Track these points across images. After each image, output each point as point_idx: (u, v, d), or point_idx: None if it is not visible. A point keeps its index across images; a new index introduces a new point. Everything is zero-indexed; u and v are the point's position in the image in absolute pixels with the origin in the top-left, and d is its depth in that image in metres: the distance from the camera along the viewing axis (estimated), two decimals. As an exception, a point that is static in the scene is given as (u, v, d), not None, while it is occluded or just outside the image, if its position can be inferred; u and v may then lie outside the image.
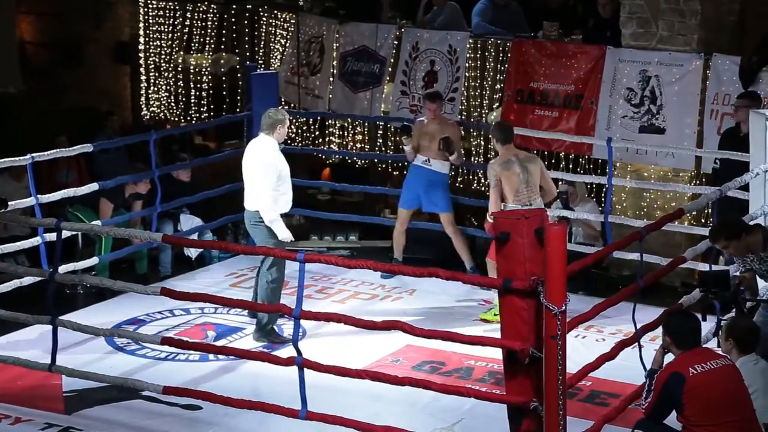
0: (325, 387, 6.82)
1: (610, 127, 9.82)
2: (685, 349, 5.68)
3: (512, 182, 8.33)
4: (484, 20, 10.78)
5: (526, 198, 8.35)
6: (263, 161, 8.04)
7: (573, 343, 6.01)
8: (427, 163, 9.47)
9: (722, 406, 5.53)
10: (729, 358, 5.86)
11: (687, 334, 5.73)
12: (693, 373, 5.53)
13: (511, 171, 8.35)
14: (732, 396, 5.59)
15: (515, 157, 8.43)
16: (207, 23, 13.32)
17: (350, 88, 11.39)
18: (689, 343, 5.70)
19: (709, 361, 5.62)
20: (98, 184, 9.08)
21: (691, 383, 5.51)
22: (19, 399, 7.08)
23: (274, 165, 8.02)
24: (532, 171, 8.41)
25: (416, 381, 6.08)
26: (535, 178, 8.41)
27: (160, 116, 13.87)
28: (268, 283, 8.07)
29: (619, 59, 9.82)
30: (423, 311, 8.81)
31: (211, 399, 6.54)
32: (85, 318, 8.00)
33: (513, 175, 8.34)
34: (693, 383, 5.52)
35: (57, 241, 7.06)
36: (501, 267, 5.66)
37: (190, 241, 8.95)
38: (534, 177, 8.41)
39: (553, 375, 5.39)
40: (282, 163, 8.12)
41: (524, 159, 8.49)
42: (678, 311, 5.99)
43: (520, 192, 8.34)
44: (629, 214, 9.92)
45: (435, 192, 9.48)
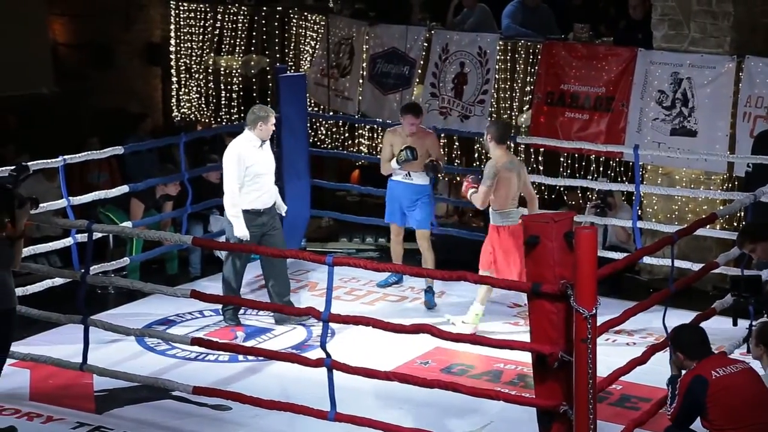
0: (354, 389, 6.83)
1: (641, 130, 9.77)
2: (700, 359, 5.65)
3: (511, 186, 8.12)
4: (515, 22, 10.75)
5: (513, 205, 8.17)
6: (225, 155, 8.32)
7: (603, 346, 5.97)
8: (408, 178, 9.01)
9: (745, 410, 5.51)
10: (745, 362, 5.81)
11: (698, 345, 5.70)
12: (715, 376, 5.52)
13: (511, 174, 8.13)
14: (755, 399, 5.57)
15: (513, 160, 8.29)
16: (237, 25, 13.38)
17: (380, 89, 11.40)
18: (702, 353, 5.68)
19: (728, 366, 5.61)
20: (129, 186, 9.15)
21: (715, 386, 5.49)
22: (50, 398, 7.14)
23: (235, 159, 8.17)
24: (523, 178, 8.23)
25: (445, 384, 6.08)
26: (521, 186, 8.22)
27: (190, 117, 13.94)
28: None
29: (651, 61, 9.77)
30: (452, 314, 8.78)
31: (241, 399, 6.56)
32: (115, 318, 8.06)
33: (512, 178, 8.12)
34: (716, 386, 5.49)
35: (88, 243, 7.12)
36: (530, 270, 5.64)
37: (219, 244, 8.98)
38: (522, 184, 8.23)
39: (584, 379, 5.37)
40: (255, 159, 8.24)
41: (519, 164, 8.33)
42: (683, 326, 5.97)
43: (513, 198, 8.15)
44: (660, 218, 9.86)
45: (416, 207, 9.04)
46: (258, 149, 8.30)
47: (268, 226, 8.41)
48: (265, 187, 8.37)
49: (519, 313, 8.74)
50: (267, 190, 8.40)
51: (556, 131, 10.11)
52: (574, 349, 5.40)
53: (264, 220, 8.37)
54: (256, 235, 8.31)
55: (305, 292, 9.34)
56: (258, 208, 8.32)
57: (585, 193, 10.26)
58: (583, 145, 9.77)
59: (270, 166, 8.45)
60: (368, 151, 11.75)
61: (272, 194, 8.48)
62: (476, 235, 10.04)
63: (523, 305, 8.49)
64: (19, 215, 6.44)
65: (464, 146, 11.17)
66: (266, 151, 8.42)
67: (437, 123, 10.61)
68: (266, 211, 8.39)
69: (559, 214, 5.77)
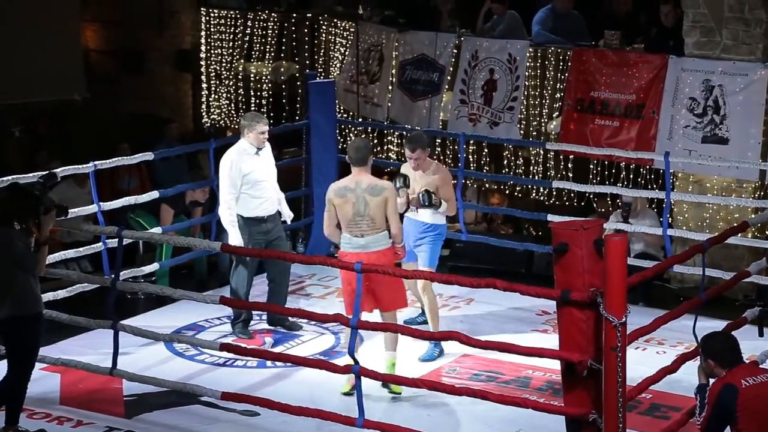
0: (382, 396, 6.83)
1: (671, 137, 9.71)
2: (731, 367, 5.60)
3: (343, 213, 7.28)
4: (545, 29, 10.72)
5: (358, 230, 7.25)
6: (220, 164, 8.32)
7: (633, 355, 5.93)
8: (415, 213, 8.15)
9: (775, 419, 5.44)
10: None
11: (729, 353, 5.65)
12: (745, 384, 5.46)
13: (343, 200, 7.28)
14: None
15: (348, 186, 7.31)
16: (267, 32, 13.44)
17: (409, 96, 11.40)
18: (733, 361, 5.63)
19: (758, 375, 5.56)
20: (158, 192, 9.20)
21: (745, 395, 5.44)
22: (80, 402, 7.18)
23: (228, 167, 8.17)
24: (372, 202, 7.22)
25: (473, 391, 6.06)
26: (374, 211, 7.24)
27: (220, 124, 14.01)
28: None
29: (682, 68, 9.71)
30: (480, 321, 8.78)
31: (269, 405, 6.57)
32: (145, 323, 8.09)
33: (347, 203, 7.27)
34: (746, 395, 5.44)
35: (118, 249, 7.16)
36: (559, 278, 5.61)
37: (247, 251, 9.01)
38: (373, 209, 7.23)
39: (613, 387, 5.34)
40: (252, 166, 8.22)
41: (368, 188, 7.27)
42: (714, 333, 5.92)
43: (349, 225, 7.25)
44: (691, 226, 9.79)
45: (420, 246, 8.12)
46: (254, 156, 8.27)
47: (273, 233, 8.39)
48: (266, 194, 8.33)
49: (548, 321, 8.71)
50: (268, 198, 8.35)
51: (586, 138, 10.07)
52: (603, 357, 5.37)
53: (268, 227, 8.34)
54: (261, 243, 8.29)
55: (333, 298, 9.34)
56: (260, 215, 8.30)
57: (615, 201, 10.21)
58: (613, 152, 9.72)
59: (269, 173, 8.40)
60: (397, 157, 11.75)
61: (274, 201, 8.43)
62: (505, 242, 10.03)
63: (552, 313, 8.45)
64: (45, 221, 6.48)
65: (493, 153, 11.15)
66: (264, 158, 8.36)
67: (466, 129, 10.59)
68: (270, 219, 8.36)
69: (588, 222, 5.74)
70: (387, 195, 7.26)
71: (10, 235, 6.37)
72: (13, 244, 6.36)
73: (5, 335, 6.48)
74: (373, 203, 7.22)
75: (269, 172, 8.41)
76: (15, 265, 6.37)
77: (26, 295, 6.41)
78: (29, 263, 6.41)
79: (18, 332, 6.42)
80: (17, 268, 6.37)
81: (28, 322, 6.43)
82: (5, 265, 6.37)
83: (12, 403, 6.49)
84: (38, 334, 6.55)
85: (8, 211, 6.42)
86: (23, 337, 6.44)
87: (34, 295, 6.47)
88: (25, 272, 6.40)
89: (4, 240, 6.36)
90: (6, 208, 6.44)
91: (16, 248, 6.36)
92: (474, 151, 11.14)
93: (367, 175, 7.33)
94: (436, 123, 11.14)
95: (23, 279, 6.39)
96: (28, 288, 6.42)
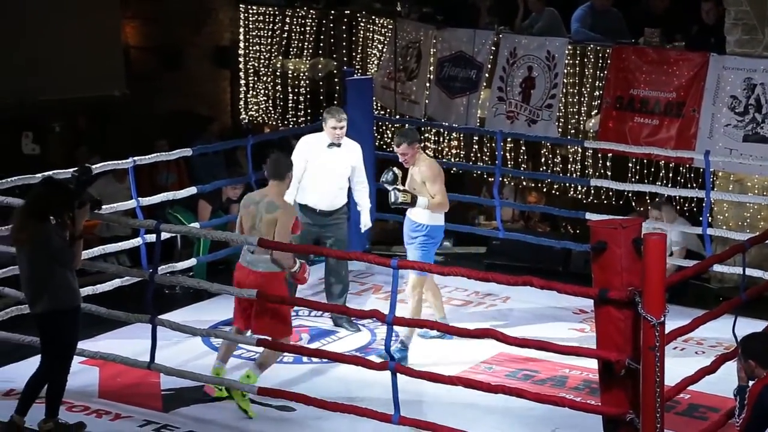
0: (418, 393, 6.83)
1: (712, 136, 9.62)
2: None
3: (245, 222, 7.13)
4: (584, 26, 10.66)
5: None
6: None
7: (671, 355, 5.89)
8: (409, 211, 7.98)
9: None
10: None
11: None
12: None
13: (248, 210, 7.10)
14: None
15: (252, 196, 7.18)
16: (306, 28, 13.46)
17: (447, 93, 11.38)
18: None
19: None
20: (196, 188, 9.25)
21: None
22: (119, 395, 7.24)
23: (293, 157, 8.13)
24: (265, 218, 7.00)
25: (510, 389, 6.04)
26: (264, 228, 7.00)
27: (258, 120, 14.06)
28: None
29: (723, 66, 9.61)
30: (517, 318, 8.75)
31: (305, 401, 6.58)
32: (182, 318, 8.14)
33: (248, 214, 7.09)
34: None
35: (156, 243, 7.20)
36: (597, 277, 5.58)
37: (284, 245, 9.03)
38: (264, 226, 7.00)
39: (651, 387, 5.30)
40: (310, 158, 8.34)
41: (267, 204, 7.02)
42: (755, 334, 5.85)
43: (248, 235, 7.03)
44: (731, 225, 9.69)
45: (411, 246, 7.94)
46: (325, 149, 8.38)
47: (325, 229, 8.44)
48: (321, 188, 8.39)
49: (585, 320, 8.66)
50: (324, 191, 8.40)
51: (625, 136, 9.99)
52: (641, 357, 5.34)
53: (319, 220, 8.37)
54: (314, 233, 8.35)
55: (369, 294, 9.35)
56: (315, 207, 8.40)
57: (654, 200, 10.13)
58: (653, 150, 9.65)
59: (332, 169, 8.43)
60: (434, 154, 11.72)
61: (331, 198, 8.46)
62: (542, 239, 9.99)
63: (589, 311, 8.41)
64: (79, 215, 6.51)
65: (531, 151, 11.10)
66: (335, 153, 8.43)
67: (504, 127, 10.56)
68: (322, 213, 8.40)
69: (627, 220, 5.71)
70: (278, 215, 6.96)
71: (48, 230, 6.42)
72: (51, 239, 6.41)
73: (42, 329, 6.54)
74: (265, 220, 6.98)
75: (332, 169, 8.43)
76: (52, 260, 6.42)
77: (64, 289, 6.47)
78: (66, 258, 6.46)
79: (55, 326, 6.48)
80: (54, 263, 6.43)
81: (66, 315, 6.49)
82: (43, 260, 6.42)
83: (52, 396, 6.56)
84: (75, 328, 6.61)
85: (44, 206, 6.47)
86: (60, 331, 6.50)
87: (71, 289, 6.52)
88: (62, 267, 6.45)
89: (42, 235, 6.41)
90: (41, 203, 6.48)
91: (53, 243, 6.41)
92: (512, 148, 11.10)
93: (276, 191, 7.10)
94: (473, 120, 11.11)
95: (60, 273, 6.44)
96: (66, 282, 6.48)
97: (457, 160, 11.56)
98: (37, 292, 6.46)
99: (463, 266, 6.58)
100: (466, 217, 11.87)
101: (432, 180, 7.86)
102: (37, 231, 6.42)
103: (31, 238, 6.44)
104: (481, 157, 11.25)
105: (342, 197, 8.59)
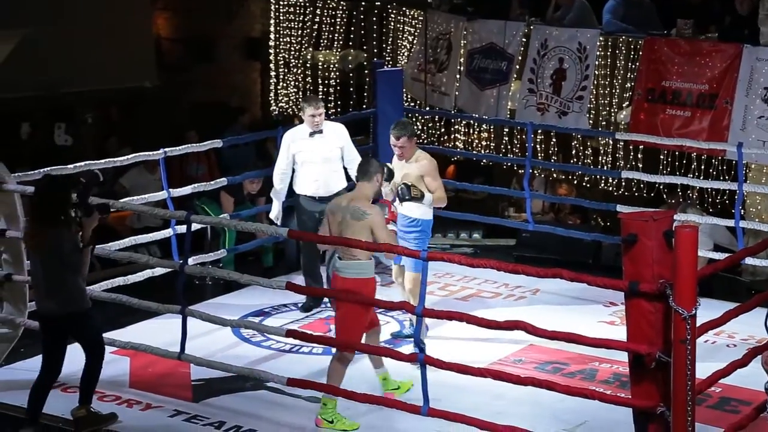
0: (447, 384, 6.81)
1: (745, 128, 9.54)
2: None
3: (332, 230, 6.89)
4: (616, 17, 10.59)
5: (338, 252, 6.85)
6: None
7: (702, 348, 5.85)
8: (400, 206, 7.79)
9: None
10: None
11: None
12: None
13: (330, 218, 6.90)
14: None
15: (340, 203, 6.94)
16: (336, 20, 13.46)
17: (477, 85, 11.35)
18: None
19: None
20: (226, 179, 9.27)
21: None
22: (149, 385, 7.29)
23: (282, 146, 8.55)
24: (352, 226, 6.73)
25: (539, 381, 6.02)
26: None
27: (288, 112, 14.09)
28: None
29: (757, 58, 9.52)
30: (546, 311, 8.72)
31: (335, 392, 6.60)
32: (212, 308, 8.18)
33: (334, 221, 6.86)
34: None
35: (187, 233, 7.23)
36: (627, 269, 5.55)
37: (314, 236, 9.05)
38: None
39: (682, 380, 5.27)
40: (294, 149, 8.49)
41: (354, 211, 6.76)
42: None
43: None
44: (764, 218, 9.61)
45: (407, 241, 7.72)
46: (307, 138, 8.49)
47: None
48: (314, 176, 8.47)
49: (615, 312, 8.62)
50: (318, 178, 8.47)
51: (657, 128, 9.93)
52: (672, 350, 5.31)
53: (320, 206, 8.24)
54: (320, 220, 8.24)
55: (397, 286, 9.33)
56: (309, 194, 8.52)
57: (685, 192, 10.07)
58: (685, 142, 9.58)
59: (320, 155, 8.48)
60: (464, 146, 11.71)
61: (327, 183, 8.48)
62: (571, 232, 9.95)
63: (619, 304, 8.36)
64: (86, 223, 6.39)
65: (562, 143, 11.06)
66: (318, 140, 8.49)
67: (534, 119, 10.52)
68: (322, 199, 8.39)
69: (658, 213, 5.67)
70: (370, 221, 6.69)
71: (60, 237, 6.33)
72: (62, 245, 6.33)
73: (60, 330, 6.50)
74: (356, 227, 6.70)
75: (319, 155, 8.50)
76: (63, 265, 6.35)
77: (73, 293, 6.41)
78: (75, 263, 6.36)
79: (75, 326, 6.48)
80: (65, 268, 6.36)
81: (81, 317, 6.47)
82: (55, 265, 6.36)
83: (86, 384, 6.59)
84: (96, 325, 6.61)
85: (50, 210, 6.35)
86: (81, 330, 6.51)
87: (80, 292, 6.45)
88: (73, 274, 6.38)
89: (55, 240, 6.34)
90: (47, 209, 6.37)
91: (65, 250, 6.33)
92: (542, 140, 11.06)
93: (362, 193, 6.89)
94: (504, 112, 11.08)
95: (72, 279, 6.39)
96: (76, 287, 6.42)
97: (488, 151, 11.55)
98: (48, 295, 6.42)
99: (492, 258, 6.56)
100: (496, 209, 11.84)
101: (433, 175, 7.76)
102: (49, 237, 6.35)
103: (43, 244, 6.38)
104: (512, 149, 11.22)
105: (339, 180, 8.60)
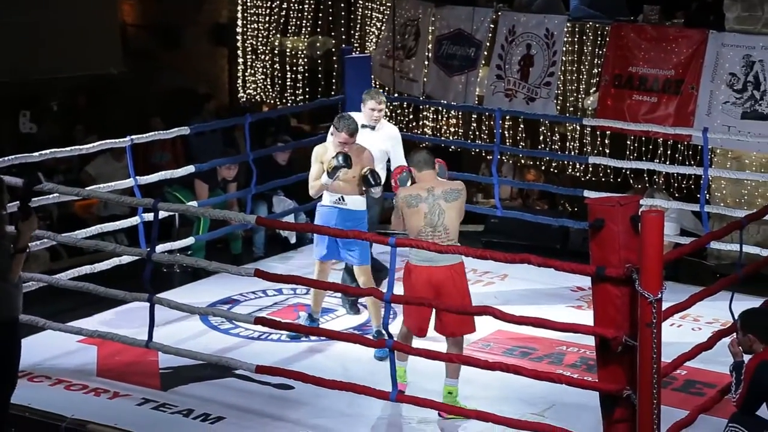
0: (416, 371, 6.84)
1: (710, 113, 9.60)
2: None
3: (412, 221, 6.69)
4: (583, 3, 10.63)
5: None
6: None
7: (668, 331, 5.89)
8: (341, 202, 7.62)
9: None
10: None
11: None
12: None
13: (411, 210, 6.68)
14: None
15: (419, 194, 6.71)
16: (304, 6, 13.42)
17: (445, 71, 11.35)
18: None
19: None
20: (194, 166, 9.22)
21: None
22: (117, 374, 7.25)
23: None
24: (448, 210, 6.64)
25: (507, 366, 6.05)
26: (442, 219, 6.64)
27: (256, 99, 14.03)
28: None
29: (722, 44, 9.58)
30: (514, 296, 8.76)
31: (303, 379, 6.59)
32: (180, 296, 8.12)
33: (418, 212, 6.66)
34: None
35: (154, 221, 7.18)
36: (594, 254, 5.58)
37: (282, 224, 9.04)
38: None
39: (648, 363, 5.31)
40: None
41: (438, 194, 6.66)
42: (755, 309, 5.88)
43: (421, 234, 6.64)
44: (729, 202, 9.69)
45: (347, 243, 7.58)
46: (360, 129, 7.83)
47: None
48: None
49: (582, 297, 8.68)
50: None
51: (624, 114, 9.98)
52: (638, 334, 5.35)
53: None
54: None
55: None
56: None
57: (652, 177, 10.13)
58: (651, 127, 9.64)
59: None
60: (432, 133, 11.73)
61: None
62: (539, 217, 9.99)
63: (586, 289, 8.42)
64: (24, 228, 5.96)
65: (529, 129, 11.09)
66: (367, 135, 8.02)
67: (502, 105, 10.54)
68: None
69: (625, 198, 5.70)
70: (463, 196, 6.72)
71: None
72: None
73: None
74: (454, 208, 6.64)
75: None
76: None
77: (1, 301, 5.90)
78: (2, 269, 5.88)
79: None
80: None
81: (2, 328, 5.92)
82: None
83: None
84: (13, 343, 6.03)
85: None
86: None
87: (9, 301, 5.95)
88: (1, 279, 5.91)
89: None
90: None
91: None
92: (510, 126, 11.10)
93: (434, 179, 6.78)
94: (472, 98, 11.10)
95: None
96: (3, 295, 5.91)
97: (456, 138, 11.57)
98: None
99: (460, 244, 6.57)
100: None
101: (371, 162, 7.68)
102: None
103: None
104: (480, 135, 11.25)
105: None
